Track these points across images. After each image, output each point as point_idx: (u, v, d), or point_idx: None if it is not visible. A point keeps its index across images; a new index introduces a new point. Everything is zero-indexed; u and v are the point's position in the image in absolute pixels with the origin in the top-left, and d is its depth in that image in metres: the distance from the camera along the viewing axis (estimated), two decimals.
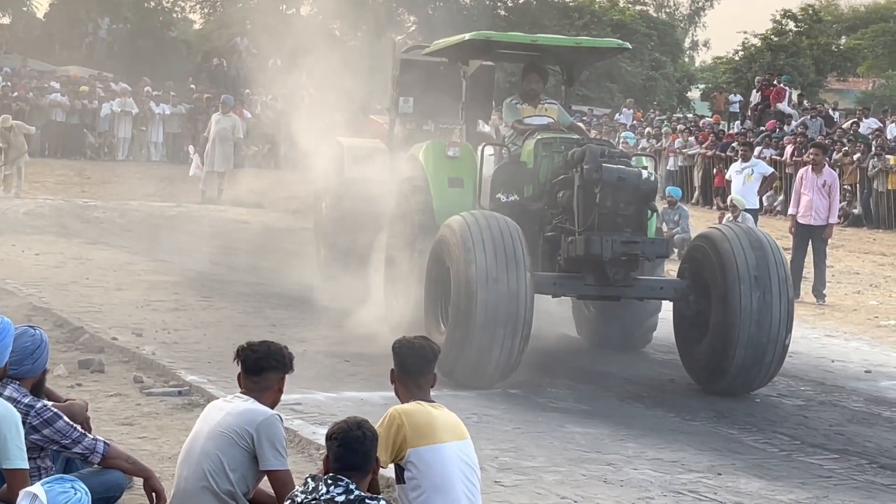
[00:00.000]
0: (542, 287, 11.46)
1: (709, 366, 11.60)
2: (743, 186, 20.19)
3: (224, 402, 6.52)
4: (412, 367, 6.53)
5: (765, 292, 11.23)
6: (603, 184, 11.34)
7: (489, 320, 10.79)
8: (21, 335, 6.46)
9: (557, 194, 11.96)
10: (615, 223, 11.49)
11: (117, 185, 28.49)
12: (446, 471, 6.26)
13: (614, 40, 14.82)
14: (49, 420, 6.37)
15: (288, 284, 15.93)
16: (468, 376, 11.11)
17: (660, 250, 11.71)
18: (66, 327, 12.54)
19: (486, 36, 13.26)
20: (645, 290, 11.98)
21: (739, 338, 11.19)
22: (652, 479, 8.69)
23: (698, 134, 36.33)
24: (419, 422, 6.29)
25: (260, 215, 24.23)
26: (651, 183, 11.63)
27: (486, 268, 10.82)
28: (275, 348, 6.52)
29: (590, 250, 11.26)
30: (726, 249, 11.43)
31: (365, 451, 5.80)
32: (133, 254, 18.30)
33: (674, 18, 67.63)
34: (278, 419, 6.33)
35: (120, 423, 9.28)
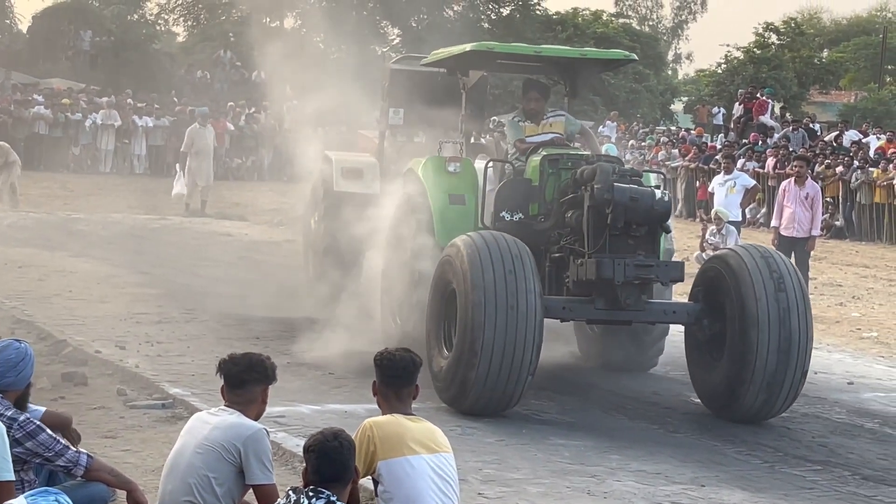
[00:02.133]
0: (551, 311, 10.91)
1: (725, 392, 11.05)
2: (726, 199, 20.23)
3: (210, 414, 6.48)
4: (393, 379, 6.53)
5: (784, 316, 10.74)
6: (615, 204, 10.77)
7: (497, 347, 10.28)
8: (6, 348, 6.46)
9: (566, 214, 11.46)
10: (627, 245, 10.95)
11: (100, 197, 28.45)
12: (416, 484, 6.23)
13: (620, 52, 14.32)
14: (32, 433, 6.36)
15: (272, 297, 15.91)
16: (470, 405, 10.64)
17: (674, 274, 11.10)
18: (49, 340, 12.51)
19: (489, 47, 12.79)
20: (657, 314, 11.37)
21: (757, 363, 10.68)
22: (635, 491, 8.70)
23: (681, 147, 36.44)
24: (388, 433, 6.28)
25: (244, 228, 24.22)
26: (665, 203, 11.06)
27: (495, 293, 10.30)
28: (256, 360, 6.49)
29: (601, 274, 10.70)
30: (742, 268, 10.94)
31: (342, 462, 5.77)
32: (116, 266, 18.26)
33: (657, 31, 67.96)
34: (265, 433, 6.30)
35: (103, 436, 9.27)
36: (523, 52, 13.16)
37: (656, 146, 37.19)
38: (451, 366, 10.60)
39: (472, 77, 13.25)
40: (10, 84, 40.22)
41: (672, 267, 11.15)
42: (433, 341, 11.05)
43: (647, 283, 10.98)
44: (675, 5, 73.94)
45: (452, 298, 10.77)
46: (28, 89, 39.19)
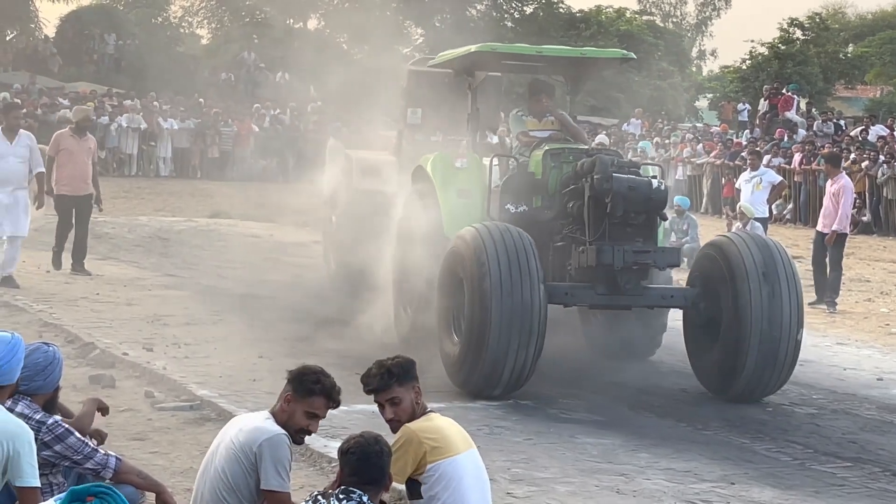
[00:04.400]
0: (554, 297, 11.46)
1: (721, 371, 11.60)
2: (752, 195, 20.17)
3: (243, 416, 6.43)
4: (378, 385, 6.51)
5: (774, 290, 11.29)
6: (613, 194, 11.35)
7: (503, 332, 10.83)
8: (34, 351, 6.47)
9: (567, 204, 11.99)
10: (626, 233, 11.53)
11: (126, 200, 28.55)
12: (463, 482, 6.29)
13: (619, 51, 14.86)
14: (61, 436, 6.37)
15: (298, 298, 15.93)
16: (481, 387, 11.15)
17: (670, 259, 11.79)
18: (76, 343, 12.55)
19: (492, 48, 13.26)
20: (655, 299, 11.99)
21: (751, 338, 11.23)
22: (665, 489, 8.67)
23: (705, 143, 36.34)
24: (437, 436, 6.31)
25: (269, 229, 24.24)
26: (661, 192, 11.65)
27: (501, 280, 10.85)
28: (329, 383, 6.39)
29: (601, 260, 11.29)
30: (734, 253, 11.50)
31: (381, 466, 5.83)
32: (143, 269, 18.32)
33: (681, 28, 67.76)
34: (285, 439, 6.16)
35: (131, 438, 9.28)
36: (525, 53, 13.61)
37: (681, 143, 37.08)
38: (461, 351, 11.19)
39: (477, 77, 13.72)
40: (35, 88, 40.40)
41: (668, 252, 11.87)
42: (443, 328, 11.66)
43: (645, 268, 11.58)
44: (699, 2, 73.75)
45: (460, 287, 11.36)
46: (53, 93, 39.34)
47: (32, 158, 15.86)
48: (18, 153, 15.71)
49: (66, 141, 16.93)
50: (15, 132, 15.80)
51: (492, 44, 13.57)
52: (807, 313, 17.32)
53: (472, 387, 11.17)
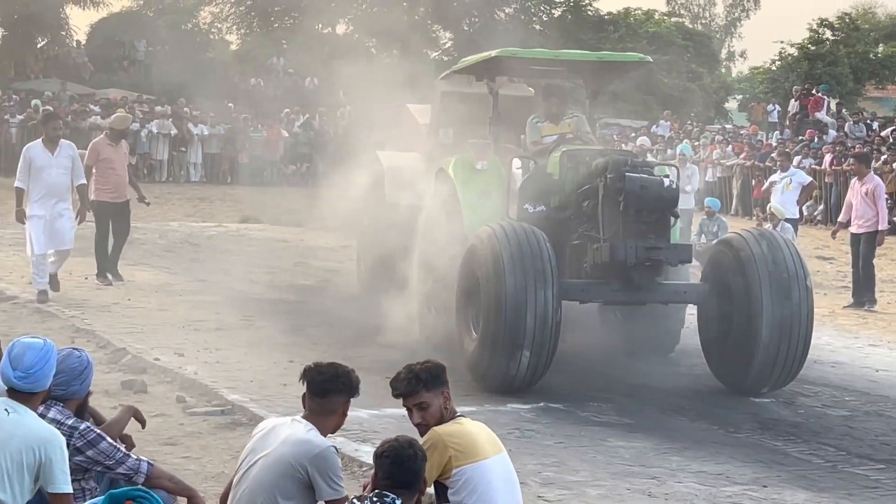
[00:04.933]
0: (569, 293, 11.77)
1: (733, 364, 11.90)
2: (782, 196, 20.11)
3: (285, 426, 6.30)
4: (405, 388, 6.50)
5: (782, 283, 11.54)
6: (626, 192, 11.65)
7: (518, 329, 11.09)
8: (67, 357, 6.50)
9: (583, 203, 12.25)
10: (639, 230, 11.76)
11: (157, 206, 28.63)
12: (491, 486, 6.27)
13: (636, 55, 15.11)
14: (93, 441, 6.40)
15: (328, 302, 15.96)
16: (498, 383, 11.42)
17: (682, 255, 12.00)
18: (108, 348, 12.60)
19: (512, 53, 13.64)
20: (669, 295, 12.26)
21: (762, 331, 11.49)
22: (696, 492, 8.65)
23: (734, 145, 36.22)
24: (463, 440, 6.29)
25: (299, 234, 24.29)
26: (673, 191, 11.92)
27: (515, 278, 11.12)
28: (342, 371, 6.35)
29: (615, 256, 11.55)
30: (744, 248, 11.79)
31: (416, 470, 5.84)
32: (174, 274, 18.38)
33: (710, 29, 67.63)
34: (334, 451, 6.15)
35: (163, 443, 9.32)
36: (544, 57, 13.97)
37: (711, 144, 36.97)
38: (479, 347, 11.47)
39: (498, 82, 14.06)
40: (66, 95, 40.62)
41: (680, 249, 12.07)
42: (462, 325, 11.96)
43: (657, 264, 11.77)
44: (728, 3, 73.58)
45: (478, 284, 11.62)
46: (84, 100, 39.54)
47: (74, 169, 15.46)
48: (61, 164, 15.29)
49: (105, 149, 16.92)
50: (56, 143, 15.35)
51: (511, 49, 13.96)
52: (839, 315, 17.34)
53: (490, 383, 11.44)
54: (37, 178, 15.24)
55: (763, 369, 11.66)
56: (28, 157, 15.33)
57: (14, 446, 5.83)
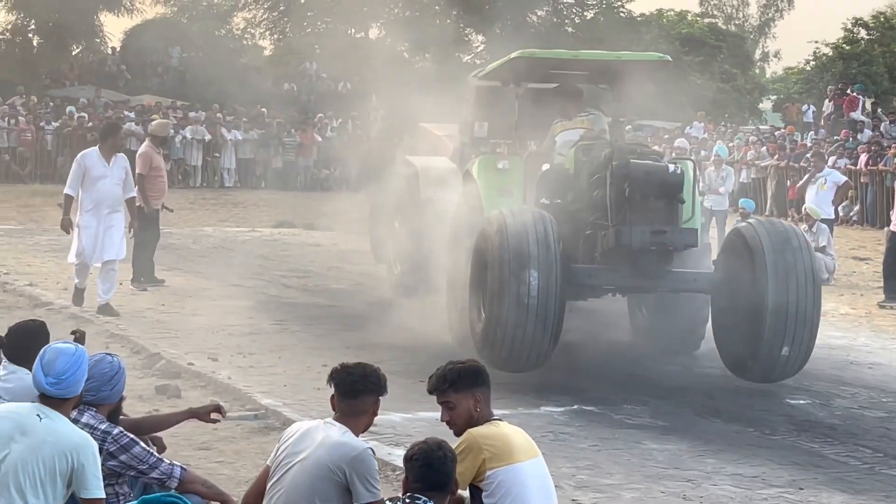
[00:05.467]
0: (579, 278, 12.01)
1: (744, 354, 11.97)
2: (816, 196, 20.01)
3: (318, 429, 6.26)
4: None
5: (790, 274, 11.63)
6: (630, 179, 11.88)
7: (521, 302, 11.29)
8: (99, 362, 6.51)
9: (593, 193, 12.43)
10: (646, 217, 11.95)
11: (191, 211, 28.75)
12: (525, 490, 6.24)
13: (655, 54, 15.18)
14: (126, 446, 6.41)
15: (361, 306, 15.96)
16: (503, 361, 11.59)
17: (687, 239, 12.10)
18: (142, 353, 12.64)
19: (531, 54, 13.89)
20: (678, 282, 12.39)
21: (768, 319, 11.59)
22: (732, 495, 8.60)
23: (769, 146, 36.05)
24: (498, 443, 6.27)
25: (333, 238, 24.32)
26: (678, 177, 12.13)
27: (519, 252, 11.33)
28: (370, 370, 6.33)
29: (620, 240, 11.77)
30: (751, 236, 11.95)
31: (447, 472, 5.82)
32: (208, 279, 18.43)
33: (743, 30, 67.33)
34: (371, 454, 6.15)
35: (197, 448, 9.33)
36: (564, 58, 14.24)
37: (745, 146, 36.81)
38: (485, 327, 11.70)
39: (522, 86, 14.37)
40: (101, 102, 40.83)
41: (685, 233, 12.16)
42: (473, 309, 12.17)
43: (664, 250, 11.92)
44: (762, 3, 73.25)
45: (486, 268, 11.85)
46: (119, 107, 39.74)
47: (127, 181, 15.16)
48: (116, 175, 14.92)
49: (155, 157, 17.25)
50: (113, 153, 15.01)
51: (531, 50, 14.22)
52: (875, 316, 17.21)
53: (495, 362, 11.47)
54: (90, 188, 14.87)
55: (769, 356, 11.73)
56: (84, 166, 14.91)
57: (47, 452, 5.85)
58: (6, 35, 48.49)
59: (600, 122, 13.89)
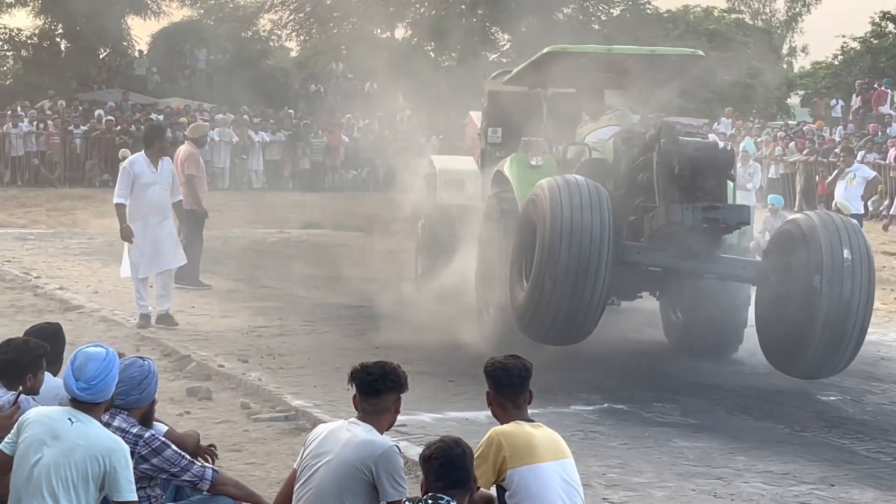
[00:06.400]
0: (626, 256, 11.68)
1: (787, 347, 11.64)
2: (846, 191, 19.94)
3: (344, 429, 6.31)
4: (507, 388, 6.49)
5: (845, 274, 11.25)
6: (680, 156, 11.62)
7: (569, 274, 11.03)
8: (129, 366, 6.54)
9: (637, 177, 12.24)
10: (695, 196, 11.67)
11: (220, 213, 28.76)
12: (546, 491, 6.22)
13: (687, 49, 15.07)
14: (157, 449, 6.44)
15: (390, 306, 15.98)
16: (543, 334, 11.47)
17: (740, 216, 11.78)
18: (173, 356, 12.69)
19: (562, 48, 13.58)
20: (727, 267, 12.01)
21: (818, 318, 11.21)
22: (763, 492, 8.58)
23: (797, 141, 35.91)
24: (518, 443, 6.27)
25: (361, 239, 24.35)
26: (728, 152, 11.96)
27: (571, 223, 11.08)
28: (389, 368, 6.36)
29: (670, 218, 11.48)
30: (810, 229, 11.50)
31: (466, 468, 5.84)
32: (237, 281, 18.49)
33: (770, 25, 67.04)
34: (396, 451, 6.20)
35: (228, 450, 9.36)
36: (596, 52, 13.97)
37: (773, 141, 36.67)
38: (528, 295, 11.40)
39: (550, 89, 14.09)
40: (128, 105, 40.99)
41: (738, 210, 11.83)
42: (515, 276, 11.96)
43: (715, 227, 11.61)
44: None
45: (534, 233, 11.52)
46: (148, 109, 39.88)
47: (174, 185, 14.53)
48: (164, 180, 14.25)
49: (200, 159, 17.31)
50: (160, 157, 14.33)
51: (561, 45, 13.86)
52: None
53: (536, 333, 11.39)
54: (140, 196, 14.17)
55: (818, 354, 11.39)
56: (133, 173, 14.16)
57: (78, 456, 5.89)
58: (34, 40, 48.71)
59: (627, 117, 13.75)
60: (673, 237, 11.63)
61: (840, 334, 11.28)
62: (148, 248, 14.17)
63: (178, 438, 6.83)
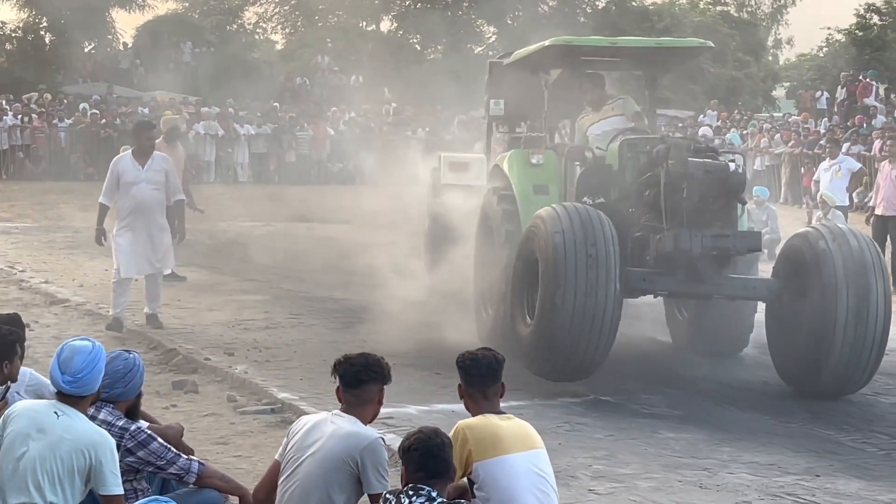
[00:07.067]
0: (632, 283, 11.23)
1: (803, 366, 11.19)
2: (831, 183, 19.98)
3: (328, 421, 6.34)
4: (477, 379, 6.48)
5: (861, 285, 10.81)
6: (689, 178, 11.16)
7: (576, 314, 10.59)
8: (115, 359, 6.53)
9: (644, 193, 11.75)
10: (704, 219, 11.26)
11: (205, 206, 28.73)
12: (514, 482, 6.17)
13: (696, 40, 14.56)
14: (143, 442, 6.43)
15: (377, 299, 15.96)
16: (551, 370, 11.06)
17: (751, 244, 11.43)
18: (159, 349, 12.68)
19: (567, 41, 13.18)
20: (737, 289, 11.61)
21: (836, 339, 10.78)
22: (749, 483, 8.60)
23: (783, 133, 36.00)
24: (483, 435, 6.24)
25: (347, 232, 24.33)
26: (739, 175, 11.45)
27: (576, 259, 10.62)
28: (373, 360, 6.39)
29: (678, 245, 11.03)
30: (822, 245, 11.03)
31: (445, 458, 5.83)
32: (223, 274, 18.47)
33: (756, 17, 67.06)
34: (382, 443, 6.23)
35: (215, 443, 9.36)
36: (600, 45, 13.42)
37: (759, 133, 36.75)
38: (533, 332, 10.97)
39: (552, 75, 13.46)
40: (114, 98, 40.90)
41: (749, 237, 11.46)
42: (517, 311, 11.49)
43: (725, 254, 11.21)
44: None
45: (535, 267, 11.11)
46: (133, 103, 39.79)
47: (169, 185, 13.74)
48: (152, 179, 13.55)
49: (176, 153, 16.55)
50: (148, 155, 13.65)
51: (566, 37, 13.49)
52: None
53: (542, 370, 11.06)
54: (124, 195, 13.59)
55: (837, 374, 10.94)
56: (116, 172, 13.61)
57: (64, 449, 5.89)
58: (18, 33, 48.57)
59: (629, 105, 13.18)
60: (680, 262, 11.24)
61: (857, 357, 10.87)
62: (132, 249, 13.57)
63: (161, 431, 6.83)
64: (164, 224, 13.82)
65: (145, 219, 13.62)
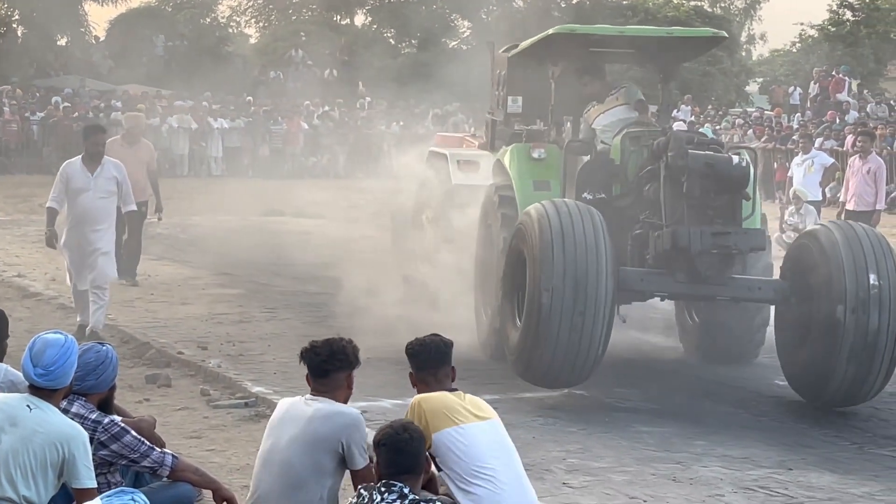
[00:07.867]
0: (628, 283, 10.70)
1: (813, 374, 10.55)
2: (804, 178, 20.04)
3: (304, 404, 6.35)
4: (426, 363, 6.59)
5: (872, 287, 10.17)
6: (689, 172, 10.67)
7: (565, 315, 10.01)
8: (87, 351, 6.51)
9: (644, 188, 11.30)
10: (705, 215, 10.77)
11: (178, 200, 28.65)
12: (473, 449, 6.24)
13: (709, 29, 13.77)
14: (117, 435, 6.41)
15: (351, 293, 15.94)
16: (541, 376, 10.55)
17: (754, 242, 10.80)
18: (132, 343, 12.64)
19: (571, 29, 12.64)
20: (741, 290, 10.98)
21: (845, 344, 10.16)
22: (722, 476, 8.63)
23: (755, 128, 36.14)
24: (437, 406, 6.32)
25: (322, 226, 24.30)
26: (743, 169, 10.82)
27: (564, 256, 10.07)
28: (337, 347, 6.42)
29: (677, 243, 10.51)
30: (834, 249, 10.39)
31: (414, 453, 5.84)
32: (197, 268, 18.42)
33: (729, 13, 67.22)
34: (362, 419, 6.32)
35: (188, 437, 9.34)
36: (606, 34, 12.70)
37: (732, 128, 36.87)
38: (522, 336, 10.44)
39: (559, 66, 12.82)
40: (86, 91, 40.74)
41: (751, 235, 10.83)
42: (507, 314, 10.95)
43: (727, 253, 10.64)
44: None
45: (524, 267, 10.54)
46: (106, 96, 39.65)
47: (121, 193, 12.86)
48: (100, 187, 12.69)
49: (116, 151, 14.79)
50: (97, 161, 12.73)
51: (571, 25, 13.02)
52: None
53: (533, 376, 10.56)
54: (72, 203, 12.76)
55: (847, 382, 10.30)
56: (65, 176, 12.78)
57: (37, 443, 5.86)
58: None
59: (633, 92, 12.53)
60: (680, 261, 10.70)
61: (868, 366, 10.21)
62: (77, 260, 12.84)
63: (134, 424, 6.81)
64: (107, 237, 12.94)
65: (90, 228, 12.78)
